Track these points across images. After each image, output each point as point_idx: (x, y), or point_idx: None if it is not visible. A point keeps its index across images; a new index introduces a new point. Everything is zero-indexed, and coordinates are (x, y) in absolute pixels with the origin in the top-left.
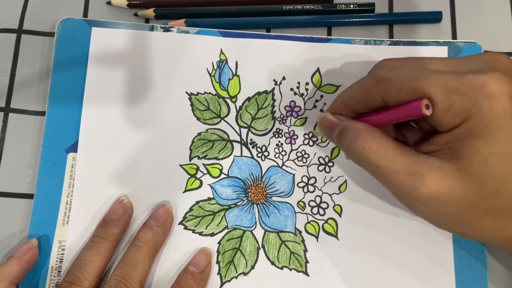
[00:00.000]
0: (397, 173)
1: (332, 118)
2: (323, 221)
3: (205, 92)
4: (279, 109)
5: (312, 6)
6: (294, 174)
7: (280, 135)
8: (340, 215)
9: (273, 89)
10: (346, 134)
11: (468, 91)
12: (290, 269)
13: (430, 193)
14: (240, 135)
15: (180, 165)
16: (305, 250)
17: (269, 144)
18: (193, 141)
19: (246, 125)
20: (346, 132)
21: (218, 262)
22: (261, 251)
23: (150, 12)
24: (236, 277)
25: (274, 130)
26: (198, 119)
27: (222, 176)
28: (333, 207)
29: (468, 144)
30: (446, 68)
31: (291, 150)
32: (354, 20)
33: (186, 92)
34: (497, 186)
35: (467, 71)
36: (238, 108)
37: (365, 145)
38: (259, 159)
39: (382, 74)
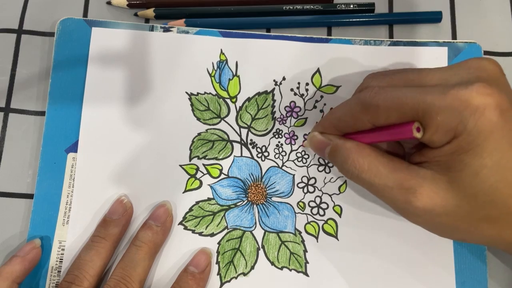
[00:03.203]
0: (391, 188)
1: (322, 138)
2: (323, 222)
3: (205, 92)
4: (279, 110)
5: (312, 6)
6: (294, 175)
7: (280, 136)
8: (340, 215)
9: (273, 89)
10: (337, 154)
11: (452, 109)
12: (290, 270)
13: (424, 206)
14: (240, 136)
15: (180, 165)
16: (305, 251)
17: (269, 145)
18: (193, 141)
19: (246, 126)
20: (336, 152)
21: (218, 262)
22: (261, 252)
23: (150, 12)
24: (236, 278)
25: (274, 130)
26: (198, 119)
27: (222, 176)
28: (333, 208)
29: (458, 158)
30: (432, 81)
31: (291, 151)
32: (354, 20)
33: (186, 92)
34: (490, 197)
35: (453, 83)
36: (238, 109)
37: (356, 164)
38: (259, 160)
39: (368, 99)
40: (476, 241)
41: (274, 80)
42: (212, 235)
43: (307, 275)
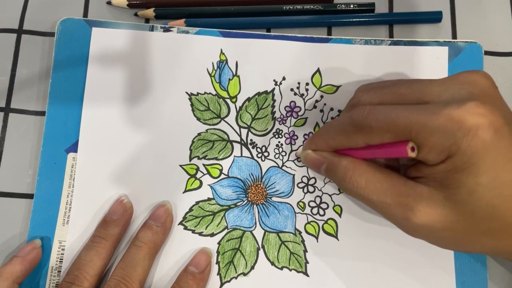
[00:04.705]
0: (389, 205)
1: (316, 156)
2: (323, 222)
3: (205, 92)
4: (279, 110)
5: (312, 6)
6: (294, 175)
7: (280, 136)
8: (340, 215)
9: (273, 89)
10: (334, 172)
11: (445, 130)
12: (290, 270)
13: (422, 222)
14: (240, 136)
15: (180, 165)
16: (305, 251)
17: (269, 145)
18: (193, 141)
19: (246, 126)
20: (333, 170)
21: (218, 262)
22: (261, 252)
23: (150, 12)
24: (236, 278)
25: (274, 130)
26: (198, 119)
27: (222, 176)
28: (333, 208)
29: (453, 177)
30: (424, 97)
31: (291, 151)
32: (354, 20)
33: (186, 92)
34: (487, 212)
35: (445, 99)
36: (238, 109)
37: (354, 182)
38: (259, 160)
39: (361, 120)
40: (478, 251)
41: (274, 80)
42: (212, 235)
43: (307, 275)
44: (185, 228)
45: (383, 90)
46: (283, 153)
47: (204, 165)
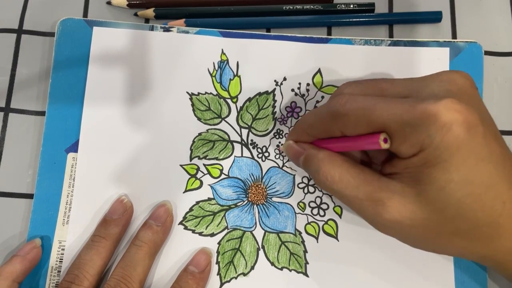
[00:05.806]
0: (361, 200)
1: (296, 147)
2: (323, 222)
3: (206, 92)
4: (280, 110)
5: (312, 6)
6: (294, 175)
7: (281, 136)
8: (340, 216)
9: (274, 89)
10: (310, 164)
11: (420, 123)
12: (290, 270)
13: (393, 218)
14: (240, 136)
15: (181, 165)
16: (305, 251)
17: (269, 145)
18: (193, 141)
19: (246, 126)
20: (309, 161)
21: (218, 262)
22: (261, 252)
23: (150, 12)
24: (236, 278)
25: (274, 130)
26: (199, 119)
27: (223, 176)
28: (333, 208)
29: (425, 171)
30: (404, 92)
31: None
32: (354, 20)
33: (187, 92)
34: (457, 211)
35: (424, 96)
36: (239, 109)
37: (328, 175)
38: (259, 160)
39: (337, 108)
40: (448, 253)
41: (275, 81)
42: (212, 235)
43: (307, 276)
44: (185, 228)
45: (365, 84)
46: (284, 154)
47: (204, 165)
